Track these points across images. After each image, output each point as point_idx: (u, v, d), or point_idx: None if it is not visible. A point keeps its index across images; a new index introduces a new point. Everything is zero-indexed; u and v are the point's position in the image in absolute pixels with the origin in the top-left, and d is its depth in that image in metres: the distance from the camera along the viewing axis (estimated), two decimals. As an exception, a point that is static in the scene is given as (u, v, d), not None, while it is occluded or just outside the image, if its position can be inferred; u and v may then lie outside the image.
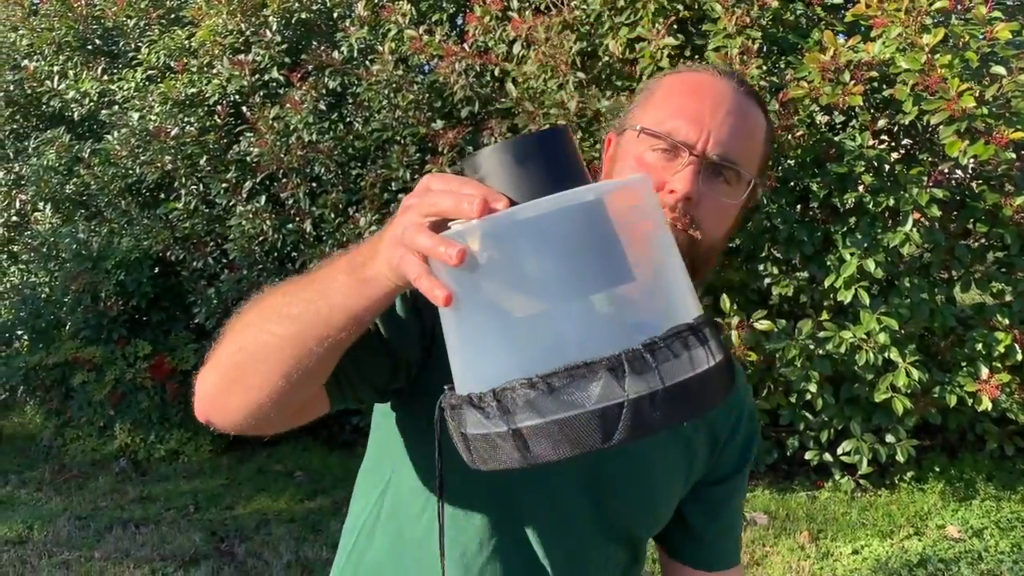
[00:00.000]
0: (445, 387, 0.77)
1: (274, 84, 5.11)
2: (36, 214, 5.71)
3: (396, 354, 0.98)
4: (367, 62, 4.87)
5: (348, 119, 4.84)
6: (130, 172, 5.27)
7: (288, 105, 4.72)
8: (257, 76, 5.09)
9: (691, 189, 0.98)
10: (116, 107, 5.66)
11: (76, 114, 5.96)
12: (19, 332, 5.41)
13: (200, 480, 4.93)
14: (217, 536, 4.14)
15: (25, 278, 5.94)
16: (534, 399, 0.65)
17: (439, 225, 0.71)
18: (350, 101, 4.88)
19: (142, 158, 5.13)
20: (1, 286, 5.99)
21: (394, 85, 4.61)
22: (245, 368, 0.87)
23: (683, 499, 1.17)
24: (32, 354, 5.18)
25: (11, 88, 6.33)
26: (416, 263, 0.70)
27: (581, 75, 4.14)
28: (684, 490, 1.15)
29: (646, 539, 1.18)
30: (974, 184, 4.05)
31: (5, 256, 6.17)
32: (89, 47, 6.28)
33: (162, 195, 5.44)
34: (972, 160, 3.61)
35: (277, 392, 0.86)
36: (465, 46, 4.62)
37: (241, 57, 5.09)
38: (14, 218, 6.02)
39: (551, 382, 0.65)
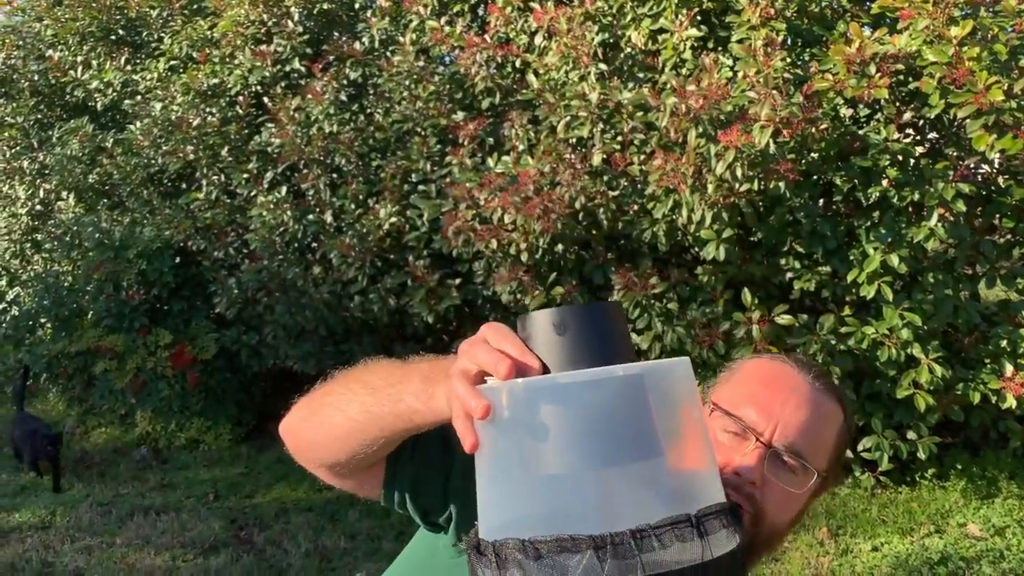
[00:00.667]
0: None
1: (295, 75, 5.12)
2: (60, 203, 5.77)
3: (448, 493, 1.05)
4: (388, 53, 4.87)
5: (369, 110, 4.84)
6: (152, 162, 5.30)
7: (309, 96, 4.73)
8: (279, 67, 5.11)
9: (754, 476, 1.01)
10: (139, 97, 5.70)
11: (99, 104, 6.00)
12: (42, 320, 5.47)
13: (220, 469, 4.97)
14: (236, 524, 4.17)
15: (48, 267, 6.00)
16: (521, 561, 0.68)
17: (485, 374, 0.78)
18: (371, 92, 4.89)
19: (164, 148, 5.16)
20: (25, 274, 6.05)
21: (415, 76, 4.60)
22: (325, 411, 0.99)
23: None
24: (55, 342, 5.23)
25: (36, 78, 6.39)
26: (460, 406, 0.76)
27: (603, 66, 4.11)
28: None
29: None
30: (1001, 179, 4.00)
31: (29, 245, 6.24)
32: (112, 37, 6.32)
33: (184, 185, 5.47)
34: (999, 155, 3.56)
35: (336, 441, 0.98)
36: (486, 37, 4.60)
37: (263, 48, 5.11)
38: (38, 207, 6.09)
39: (539, 548, 0.68)
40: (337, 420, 0.96)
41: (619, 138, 4.02)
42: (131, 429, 5.41)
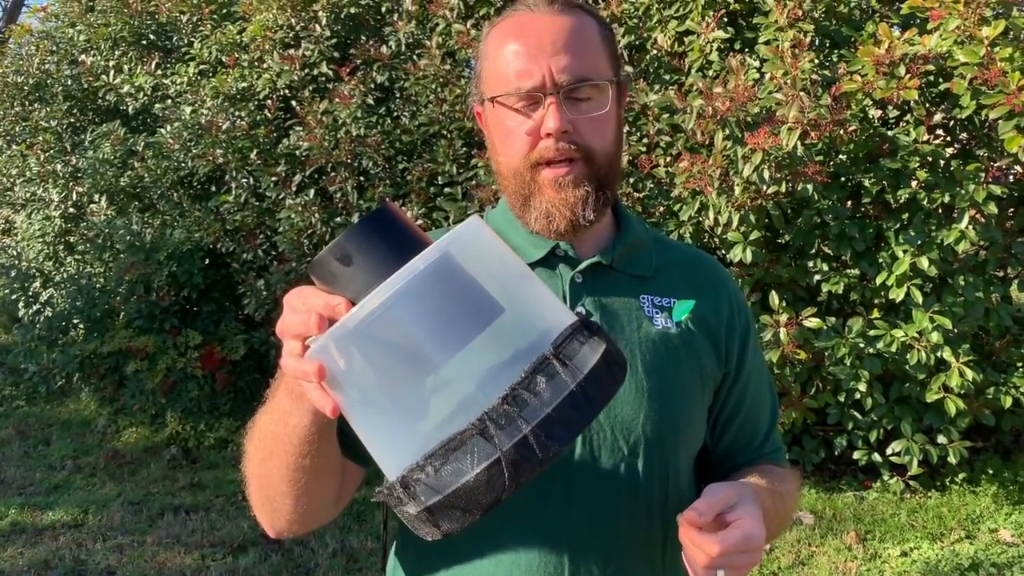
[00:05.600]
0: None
1: (323, 79, 5.16)
2: (92, 206, 5.85)
3: None
4: (415, 56, 4.90)
5: (395, 113, 4.87)
6: (182, 165, 5.36)
7: (337, 99, 4.77)
8: (307, 71, 5.15)
9: (560, 124, 1.01)
10: (169, 101, 5.77)
11: (131, 108, 6.08)
12: (75, 321, 5.54)
13: (248, 468, 5.01)
14: (265, 524, 4.21)
15: (81, 268, 6.09)
16: (427, 480, 0.70)
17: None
18: (398, 95, 4.92)
19: (194, 151, 5.22)
20: (58, 276, 6.14)
21: (441, 79, 4.63)
22: (271, 498, 1.02)
23: (717, 420, 1.18)
24: (87, 342, 5.30)
25: (69, 83, 6.49)
26: (301, 383, 0.76)
27: (629, 69, 4.11)
28: (704, 397, 1.14)
29: (676, 450, 1.11)
30: (1033, 180, 3.95)
31: (62, 247, 6.33)
32: (143, 42, 6.41)
33: (213, 188, 5.53)
34: (1032, 156, 3.51)
35: (307, 500, 0.99)
36: (512, 40, 4.60)
37: (291, 52, 5.15)
38: (71, 210, 6.17)
39: (434, 462, 0.69)
40: (289, 496, 0.98)
41: (645, 140, 4.02)
42: (161, 429, 5.48)
